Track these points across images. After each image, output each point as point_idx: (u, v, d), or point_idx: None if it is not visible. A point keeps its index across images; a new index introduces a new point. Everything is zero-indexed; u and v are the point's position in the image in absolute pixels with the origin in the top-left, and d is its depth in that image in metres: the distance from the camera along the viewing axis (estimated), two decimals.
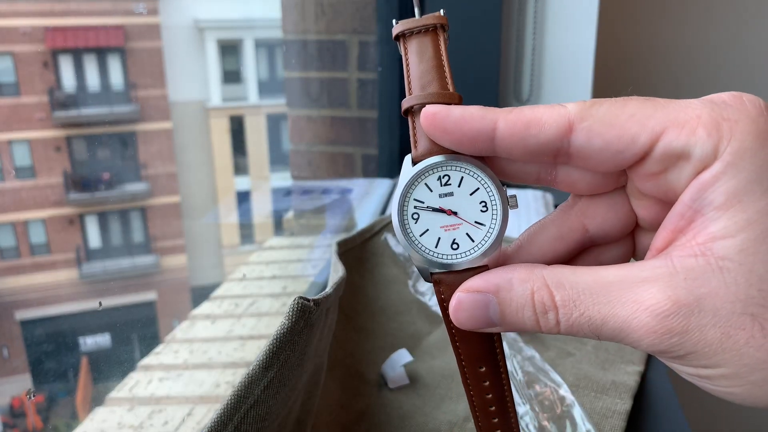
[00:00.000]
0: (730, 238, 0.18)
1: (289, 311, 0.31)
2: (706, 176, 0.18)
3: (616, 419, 0.42)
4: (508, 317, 0.21)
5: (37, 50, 1.26)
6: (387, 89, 1.01)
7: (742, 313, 0.18)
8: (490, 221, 0.21)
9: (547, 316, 0.20)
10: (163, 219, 1.58)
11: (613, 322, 0.19)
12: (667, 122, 0.19)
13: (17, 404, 1.03)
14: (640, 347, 0.19)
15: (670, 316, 0.18)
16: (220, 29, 1.66)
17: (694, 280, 0.18)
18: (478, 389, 0.24)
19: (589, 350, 0.50)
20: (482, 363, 0.23)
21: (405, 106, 0.22)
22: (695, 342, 0.18)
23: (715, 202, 0.18)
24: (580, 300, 0.19)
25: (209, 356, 0.68)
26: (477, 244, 0.22)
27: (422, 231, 0.22)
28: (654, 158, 0.19)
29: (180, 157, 1.56)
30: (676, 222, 0.19)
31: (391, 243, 0.62)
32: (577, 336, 0.20)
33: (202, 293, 0.91)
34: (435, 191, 0.22)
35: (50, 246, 1.37)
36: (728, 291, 0.18)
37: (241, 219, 1.42)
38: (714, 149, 0.18)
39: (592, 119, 0.20)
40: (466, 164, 0.21)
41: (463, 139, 0.21)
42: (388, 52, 1.00)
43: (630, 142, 0.19)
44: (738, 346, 0.18)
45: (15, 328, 1.12)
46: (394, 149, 1.03)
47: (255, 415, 0.29)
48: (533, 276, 0.20)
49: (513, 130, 0.20)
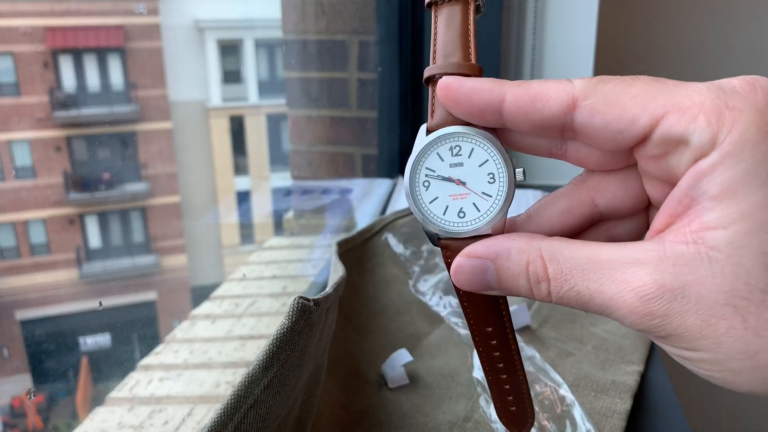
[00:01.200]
0: (722, 230, 0.18)
1: (289, 311, 0.31)
2: (703, 165, 0.18)
3: (616, 419, 0.42)
4: (504, 283, 0.21)
5: (37, 50, 1.26)
6: (387, 89, 1.01)
7: (725, 304, 0.18)
8: (496, 192, 0.22)
9: (539, 286, 0.21)
10: (163, 219, 1.58)
11: (599, 298, 0.20)
12: (668, 106, 0.19)
13: (17, 404, 1.03)
14: (624, 323, 0.20)
15: (653, 300, 0.18)
16: (220, 29, 1.66)
17: (683, 266, 0.18)
18: (486, 347, 0.25)
19: (589, 350, 0.50)
20: (488, 323, 0.24)
21: (426, 75, 0.23)
22: (675, 326, 0.19)
23: (710, 192, 0.18)
24: (571, 275, 0.20)
25: (209, 356, 0.68)
26: (482, 213, 0.22)
27: (432, 198, 0.23)
28: (654, 141, 0.19)
29: (180, 157, 1.56)
30: (674, 207, 0.19)
31: (391, 243, 0.62)
32: (566, 306, 0.21)
33: (202, 293, 0.91)
34: (446, 161, 0.22)
35: (50, 246, 1.37)
36: (714, 281, 0.18)
37: (241, 219, 1.42)
38: (713, 138, 0.18)
39: (595, 97, 0.20)
40: (477, 136, 0.22)
41: (473, 110, 0.21)
42: (388, 52, 1.00)
43: (630, 123, 0.19)
44: (717, 335, 0.18)
45: (15, 327, 1.12)
46: (394, 149, 1.03)
47: (255, 415, 0.29)
48: (530, 247, 0.21)
49: (519, 103, 0.20)
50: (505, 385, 0.27)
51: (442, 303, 0.55)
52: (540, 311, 0.55)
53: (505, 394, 0.27)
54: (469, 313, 0.25)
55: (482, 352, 0.26)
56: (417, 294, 0.56)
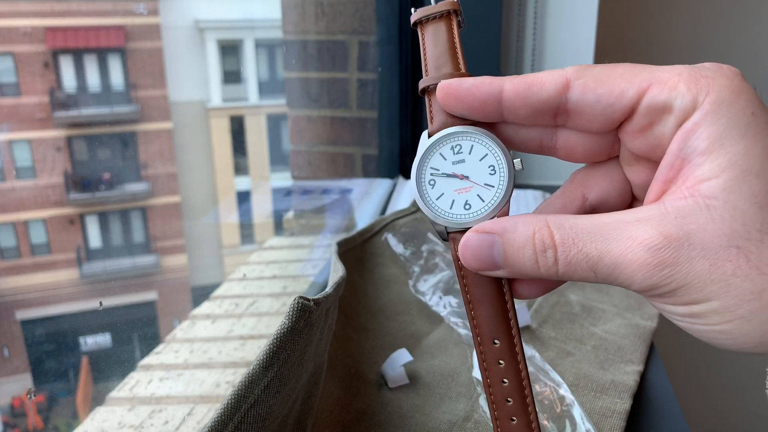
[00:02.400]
0: (715, 179, 0.20)
1: (290, 311, 0.31)
2: (689, 125, 0.20)
3: (616, 419, 0.42)
4: (510, 257, 0.22)
5: (37, 50, 1.26)
6: (387, 89, 1.01)
7: (728, 246, 0.19)
8: (498, 182, 0.24)
9: (546, 255, 0.21)
10: (163, 219, 1.58)
11: (609, 257, 0.20)
12: (651, 79, 0.21)
13: (18, 404, 1.03)
14: (633, 283, 0.20)
15: (662, 249, 0.20)
16: (221, 29, 1.66)
17: (684, 218, 0.20)
18: (493, 372, 0.25)
19: (589, 350, 0.50)
20: (496, 334, 0.24)
21: (422, 86, 0.25)
22: (685, 273, 0.20)
23: (699, 148, 0.20)
24: (579, 238, 0.21)
25: (209, 356, 0.68)
26: (487, 203, 0.24)
27: (438, 195, 0.24)
28: (640, 112, 0.21)
29: (180, 157, 1.56)
30: (667, 173, 0.21)
31: (391, 243, 0.62)
32: (572, 279, 0.22)
33: (202, 293, 0.91)
34: (448, 159, 0.24)
35: (51, 246, 1.37)
36: (715, 226, 0.19)
37: (241, 219, 1.42)
38: (693, 101, 0.20)
39: (586, 76, 0.22)
40: (475, 134, 0.24)
41: (474, 103, 0.23)
42: (388, 53, 1.00)
43: (619, 96, 0.21)
44: (725, 277, 0.19)
45: (15, 327, 1.12)
46: (394, 149, 1.03)
47: (255, 414, 0.29)
48: (536, 219, 0.22)
49: (517, 90, 0.22)
50: (512, 419, 0.25)
51: (441, 303, 0.55)
52: (540, 311, 0.55)
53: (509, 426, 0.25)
54: (476, 322, 0.24)
55: (488, 377, 0.25)
56: (417, 294, 0.56)
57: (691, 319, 0.21)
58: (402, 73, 1.00)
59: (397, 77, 1.00)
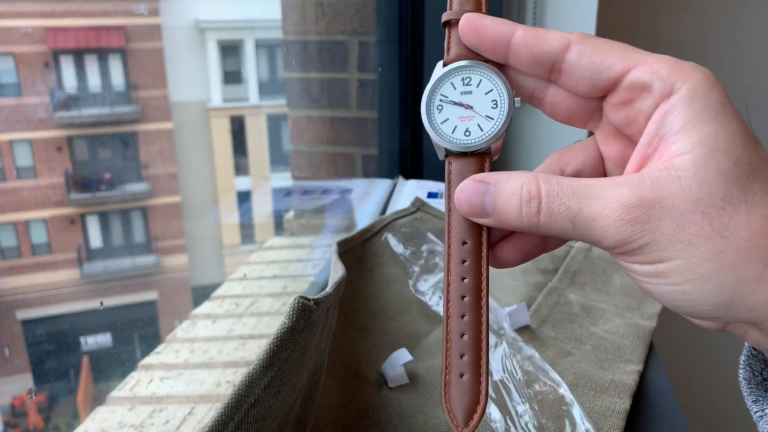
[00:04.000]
0: (687, 154, 0.22)
1: (290, 311, 0.31)
2: (666, 107, 0.23)
3: (615, 418, 0.42)
4: (499, 204, 0.25)
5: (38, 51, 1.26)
6: (387, 90, 1.01)
7: (695, 211, 0.22)
8: (497, 116, 0.26)
9: (530, 204, 0.24)
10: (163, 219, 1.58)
11: (588, 210, 0.23)
12: (639, 60, 0.24)
13: (18, 404, 1.03)
14: (606, 238, 0.23)
15: (635, 208, 0.22)
16: (221, 30, 1.66)
17: (658, 185, 0.22)
18: (456, 270, 0.26)
19: (589, 350, 0.50)
20: (466, 237, 0.26)
21: (445, 18, 0.27)
22: (654, 230, 0.22)
23: (674, 128, 0.23)
24: (563, 192, 0.23)
25: (210, 355, 0.68)
26: (485, 133, 0.26)
27: (443, 119, 0.27)
28: (623, 86, 0.24)
29: (181, 158, 1.56)
30: (645, 150, 0.24)
31: (391, 243, 0.62)
32: (550, 232, 0.24)
33: (202, 293, 0.91)
34: (458, 89, 0.27)
35: (51, 246, 1.37)
36: (684, 193, 0.22)
37: (241, 219, 1.42)
38: (672, 86, 0.23)
39: (585, 43, 0.24)
40: (485, 69, 0.26)
41: (487, 40, 0.25)
42: (388, 53, 1.00)
43: (608, 67, 0.24)
44: (689, 237, 0.22)
45: (16, 327, 1.12)
46: (394, 149, 1.03)
47: (256, 414, 0.29)
48: (528, 174, 0.25)
49: (525, 38, 0.25)
50: (462, 335, 0.25)
51: (441, 303, 0.55)
52: (539, 311, 0.55)
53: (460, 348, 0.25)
54: (451, 230, 0.26)
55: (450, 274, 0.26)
56: (417, 294, 0.56)
57: (656, 279, 0.23)
58: (402, 73, 1.00)
59: (397, 77, 1.00)
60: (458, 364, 0.25)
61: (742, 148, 0.22)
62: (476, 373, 0.25)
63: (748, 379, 0.28)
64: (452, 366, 0.25)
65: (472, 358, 0.25)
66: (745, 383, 0.28)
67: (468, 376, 0.25)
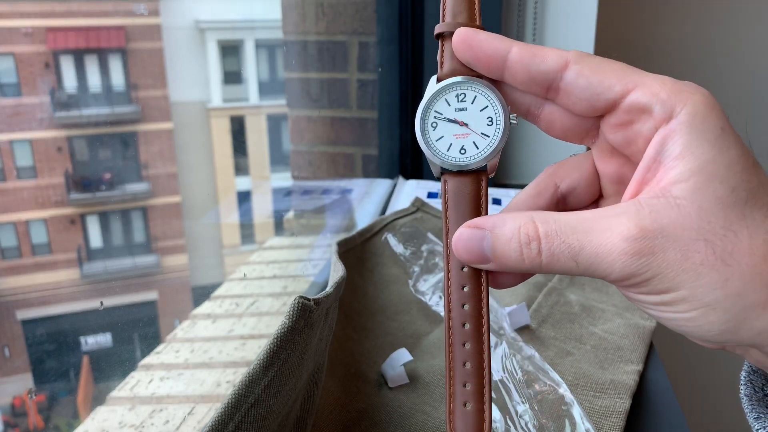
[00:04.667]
0: (684, 182, 0.22)
1: (290, 311, 0.31)
2: (665, 131, 0.23)
3: (615, 418, 0.42)
4: (498, 249, 0.24)
5: (38, 51, 1.26)
6: (387, 90, 1.01)
7: (697, 239, 0.21)
8: (493, 133, 0.26)
9: (530, 246, 0.23)
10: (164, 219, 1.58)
11: (590, 247, 0.22)
12: (638, 82, 0.23)
13: (18, 404, 1.03)
14: (612, 273, 0.22)
15: (638, 239, 0.22)
16: (221, 30, 1.66)
17: (657, 213, 0.22)
18: (457, 297, 0.26)
19: (588, 350, 0.50)
20: (466, 279, 0.26)
21: (438, 31, 0.27)
22: (660, 262, 0.22)
23: (673, 153, 0.22)
24: (562, 230, 0.23)
25: (210, 355, 0.68)
26: (481, 150, 0.26)
27: (438, 137, 0.26)
28: (622, 108, 0.24)
29: (181, 158, 1.56)
30: (643, 174, 0.23)
31: (391, 243, 0.62)
32: (553, 271, 0.23)
33: (203, 293, 0.91)
34: (452, 105, 0.26)
35: (51, 246, 1.37)
36: (684, 222, 0.22)
37: (241, 219, 1.42)
38: (671, 109, 0.22)
39: (584, 63, 0.24)
40: (480, 86, 0.26)
41: (482, 56, 0.25)
42: (388, 53, 1.00)
43: (607, 88, 0.24)
44: (695, 266, 0.21)
45: (16, 327, 1.12)
46: (394, 149, 1.03)
47: (256, 414, 0.29)
48: (523, 215, 0.24)
49: (522, 56, 0.24)
50: (464, 363, 0.25)
51: (441, 303, 0.55)
52: (539, 311, 0.55)
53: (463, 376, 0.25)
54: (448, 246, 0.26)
55: (450, 296, 0.26)
56: (417, 294, 0.56)
57: (663, 307, 0.23)
58: (402, 74, 1.00)
59: (397, 77, 1.00)
60: (462, 392, 0.25)
61: (740, 174, 0.22)
62: (480, 401, 0.25)
63: (749, 396, 0.28)
64: (456, 394, 0.25)
65: (476, 387, 0.25)
66: (747, 399, 0.28)
67: (472, 405, 0.25)
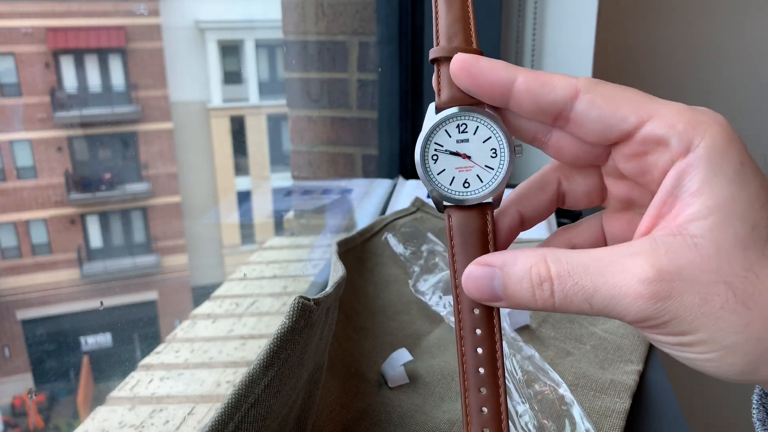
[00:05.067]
0: (703, 220, 0.21)
1: (290, 310, 0.31)
2: (683, 165, 0.21)
3: (615, 418, 0.42)
4: (509, 288, 0.23)
5: (38, 51, 1.26)
6: (387, 90, 1.01)
7: (717, 281, 0.20)
8: (498, 166, 0.25)
9: (542, 287, 0.22)
10: (164, 219, 1.58)
11: (604, 289, 0.21)
12: (654, 112, 0.22)
13: (18, 404, 1.03)
14: (628, 315, 0.21)
15: (654, 282, 0.20)
16: (221, 30, 1.66)
17: (674, 252, 0.21)
18: (470, 341, 0.25)
19: (588, 350, 0.50)
20: (476, 304, 0.25)
21: (433, 56, 0.25)
22: (677, 306, 0.20)
23: (691, 189, 0.21)
24: (575, 271, 0.22)
25: (210, 355, 0.68)
26: (485, 184, 0.25)
27: (440, 170, 0.25)
28: (637, 140, 0.22)
29: (181, 158, 1.56)
30: (659, 209, 0.22)
31: (391, 243, 0.62)
32: (568, 311, 0.22)
33: (203, 293, 0.91)
34: (453, 137, 0.25)
35: (51, 246, 1.37)
36: (703, 262, 0.20)
37: (241, 219, 1.42)
38: (689, 142, 0.21)
39: (595, 92, 0.23)
40: (482, 115, 0.24)
41: (485, 86, 0.23)
42: (388, 53, 1.00)
43: (621, 119, 0.22)
44: (714, 310, 0.20)
45: (16, 327, 1.12)
46: (394, 149, 1.03)
47: (256, 414, 0.29)
48: (535, 253, 0.23)
49: (529, 85, 0.23)
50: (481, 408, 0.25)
51: (441, 303, 0.55)
52: (539, 311, 0.55)
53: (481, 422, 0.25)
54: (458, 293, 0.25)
55: (464, 346, 0.25)
56: (417, 294, 0.56)
57: (680, 347, 0.22)
58: (402, 73, 1.00)
59: (397, 77, 1.00)
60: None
61: (760, 211, 0.21)
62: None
63: (763, 420, 0.27)
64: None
65: None
66: (760, 424, 0.27)
67: None
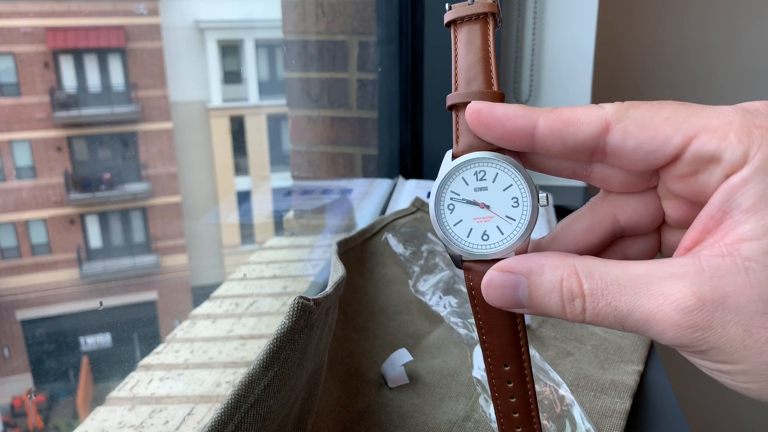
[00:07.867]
0: (756, 241, 0.19)
1: (290, 311, 0.31)
2: (736, 179, 0.19)
3: (616, 419, 0.42)
4: (536, 300, 0.21)
5: (38, 50, 1.26)
6: (387, 90, 1.01)
7: (765, 312, 0.18)
8: (520, 216, 0.23)
9: (573, 303, 0.21)
10: (163, 219, 1.58)
11: (638, 313, 0.19)
12: (699, 127, 0.20)
13: (18, 404, 1.03)
14: (663, 340, 0.20)
15: (694, 311, 0.19)
16: (221, 30, 1.66)
17: (721, 278, 0.19)
18: (502, 390, 0.24)
19: (589, 350, 0.50)
20: (506, 359, 0.24)
21: (450, 102, 0.23)
22: (717, 338, 0.19)
23: (743, 205, 0.19)
24: (608, 290, 0.20)
25: (210, 356, 0.68)
26: (506, 237, 0.23)
27: (456, 221, 0.23)
28: (685, 160, 0.20)
29: (181, 157, 1.56)
30: (705, 223, 0.20)
31: (391, 243, 0.62)
32: (600, 325, 0.21)
33: (202, 293, 0.91)
34: (471, 185, 0.23)
35: (51, 246, 1.37)
36: (752, 290, 0.18)
37: (241, 219, 1.42)
38: (744, 154, 0.19)
39: (627, 120, 0.20)
40: (502, 162, 0.22)
41: (504, 135, 0.22)
42: (388, 53, 1.00)
43: (663, 143, 0.20)
44: (759, 344, 0.19)
45: (16, 327, 1.12)
46: (394, 149, 1.03)
47: (255, 414, 0.29)
48: (565, 264, 0.21)
49: (553, 128, 0.21)
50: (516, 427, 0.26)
51: (441, 303, 0.55)
52: None
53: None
54: (487, 347, 0.24)
55: (497, 397, 0.25)
56: (417, 294, 0.56)
57: (719, 373, 0.20)
58: (402, 73, 1.00)
59: (397, 77, 1.00)
60: None
61: None
62: None
63: None
64: None
65: None
66: None
67: None
